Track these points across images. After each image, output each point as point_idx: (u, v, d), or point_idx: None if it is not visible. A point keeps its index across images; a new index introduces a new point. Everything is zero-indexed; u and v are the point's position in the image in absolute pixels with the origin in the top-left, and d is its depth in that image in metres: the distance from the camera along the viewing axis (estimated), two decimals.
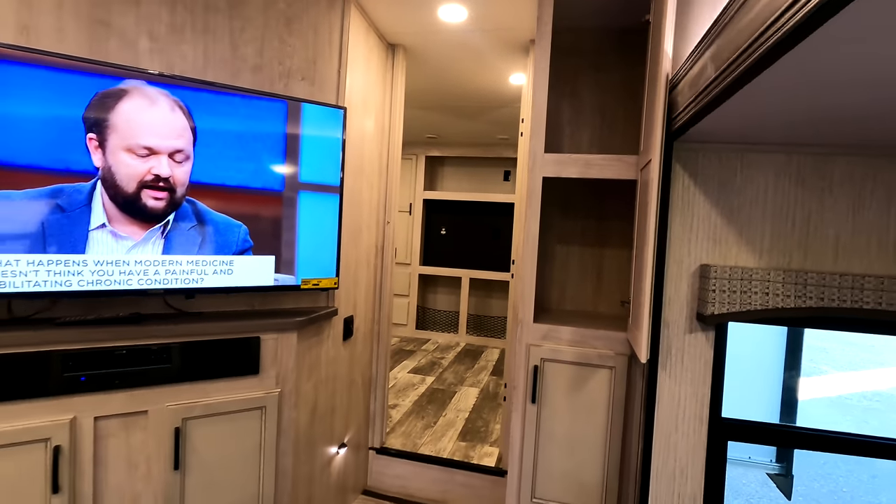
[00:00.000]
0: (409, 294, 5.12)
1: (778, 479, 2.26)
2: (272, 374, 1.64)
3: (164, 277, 1.49)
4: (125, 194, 1.39)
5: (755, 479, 2.49)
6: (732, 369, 1.41)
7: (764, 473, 2.36)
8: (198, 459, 1.51)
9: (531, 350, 1.67)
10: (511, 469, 1.71)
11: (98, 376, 1.37)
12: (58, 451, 1.32)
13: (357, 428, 2.33)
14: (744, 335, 2.20)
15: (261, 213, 1.62)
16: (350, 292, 2.12)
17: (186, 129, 1.46)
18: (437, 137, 4.71)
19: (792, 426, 1.39)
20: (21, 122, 1.27)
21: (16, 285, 1.30)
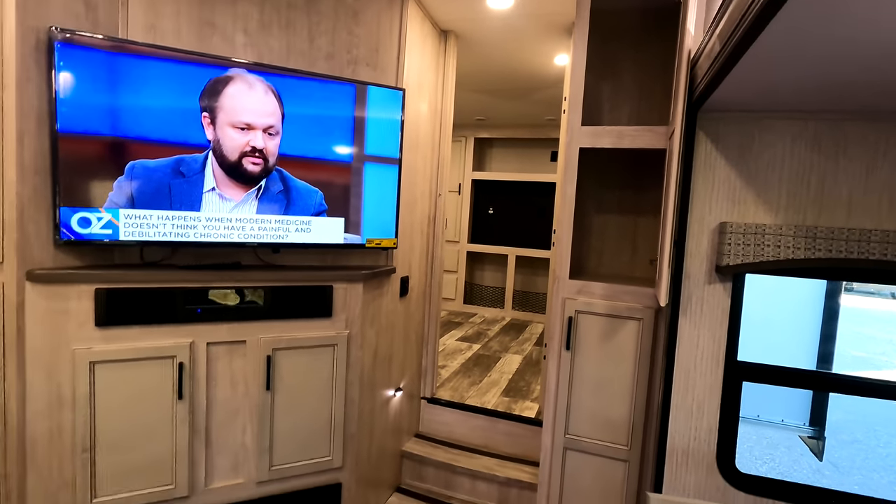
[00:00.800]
0: (457, 270, 5.38)
1: (810, 441, 2.34)
2: (342, 317, 1.93)
3: (256, 233, 1.81)
4: (230, 162, 1.71)
5: (786, 439, 2.56)
6: (765, 328, 1.55)
7: (797, 436, 2.44)
8: (284, 383, 1.84)
9: (566, 303, 1.87)
10: (547, 409, 1.94)
11: (209, 310, 1.71)
12: (181, 367, 1.67)
13: (411, 378, 2.62)
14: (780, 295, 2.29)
15: (333, 181, 1.91)
16: (406, 255, 2.39)
17: (276, 109, 1.76)
18: (486, 119, 4.90)
19: (799, 368, 1.52)
20: (153, 104, 1.60)
21: (150, 235, 1.65)
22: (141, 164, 1.61)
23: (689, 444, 1.56)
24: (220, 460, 1.78)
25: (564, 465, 1.91)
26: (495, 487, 2.41)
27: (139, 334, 1.61)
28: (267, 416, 1.82)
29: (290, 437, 1.86)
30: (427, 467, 2.53)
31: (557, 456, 1.92)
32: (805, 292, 2.28)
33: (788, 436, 2.54)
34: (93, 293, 1.55)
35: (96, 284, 1.55)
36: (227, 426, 1.78)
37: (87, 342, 1.55)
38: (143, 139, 1.60)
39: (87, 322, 1.55)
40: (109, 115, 1.56)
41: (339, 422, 1.95)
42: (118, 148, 1.58)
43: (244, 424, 1.80)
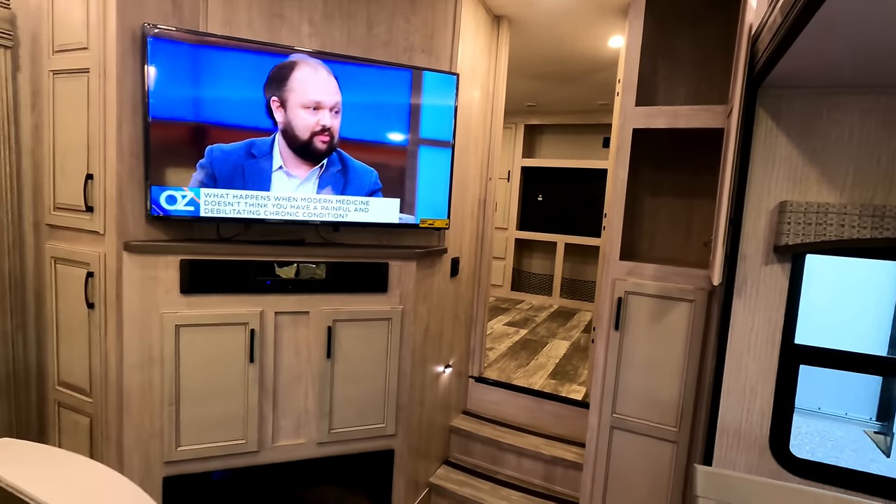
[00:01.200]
0: (505, 257, 5.41)
1: (878, 437, 2.22)
2: (397, 293, 2.04)
3: (319, 212, 1.93)
4: (301, 141, 1.85)
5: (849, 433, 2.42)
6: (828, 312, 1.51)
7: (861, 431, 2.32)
8: (343, 353, 1.97)
9: (616, 284, 1.88)
10: (594, 388, 1.96)
11: (277, 282, 1.85)
12: (252, 333, 1.83)
13: (459, 357, 2.70)
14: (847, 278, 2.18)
15: (389, 163, 2.00)
16: (457, 237, 2.47)
17: (336, 90, 1.87)
18: (537, 106, 4.87)
19: (863, 353, 1.47)
20: (228, 91, 1.75)
21: (226, 212, 1.81)
22: (218, 147, 1.77)
23: (741, 425, 1.55)
24: (284, 421, 1.94)
25: (611, 444, 1.94)
26: (541, 465, 2.46)
27: (217, 302, 1.78)
28: (327, 382, 1.95)
29: (348, 403, 2.00)
30: (474, 443, 2.62)
31: (604, 435, 1.94)
32: (875, 275, 2.16)
33: (851, 430, 2.41)
34: (178, 263, 1.72)
35: (181, 256, 1.72)
36: (292, 390, 1.93)
37: (174, 307, 1.73)
38: (220, 124, 1.76)
39: (174, 289, 1.73)
40: (192, 103, 1.72)
41: (393, 392, 2.06)
42: (199, 132, 1.74)
43: (306, 389, 1.95)
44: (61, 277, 1.78)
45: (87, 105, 1.65)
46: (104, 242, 1.67)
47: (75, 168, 1.70)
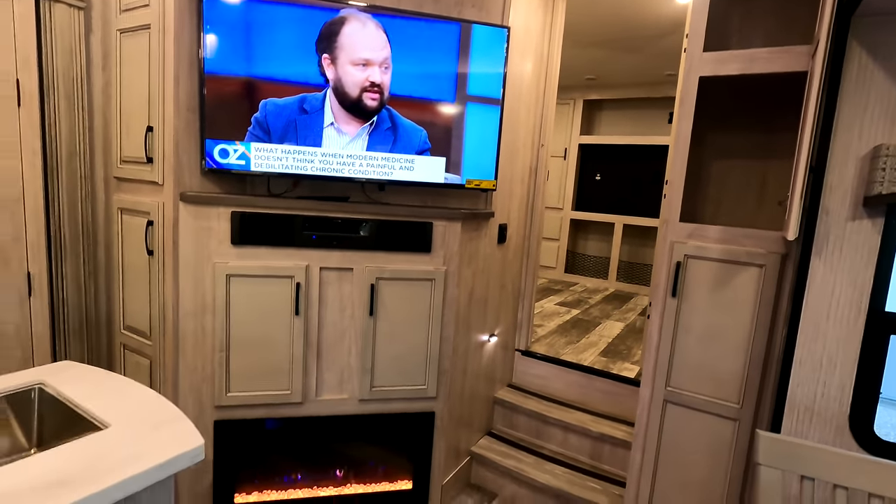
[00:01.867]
0: (559, 238, 5.25)
1: None
2: (440, 254, 2.00)
3: (365, 169, 1.93)
4: (351, 99, 1.84)
5: None
6: None
7: None
8: (385, 311, 1.97)
9: (675, 247, 1.74)
10: (647, 359, 1.84)
11: (323, 237, 1.87)
12: (298, 287, 1.86)
13: (505, 328, 2.64)
14: None
15: (436, 120, 1.96)
16: (505, 203, 2.39)
17: (386, 44, 1.85)
18: (597, 79, 4.64)
19: None
20: (280, 47, 1.77)
21: (275, 167, 1.85)
22: (272, 101, 1.80)
23: (815, 400, 1.39)
24: (328, 376, 1.97)
25: (663, 419, 1.81)
26: (588, 442, 2.36)
27: (265, 254, 1.82)
28: (370, 340, 1.96)
29: (390, 362, 2.00)
30: (519, 416, 2.56)
31: (656, 409, 1.82)
32: None
33: None
34: (229, 215, 1.78)
35: (232, 208, 1.77)
36: (335, 346, 1.95)
37: (225, 257, 1.79)
38: (273, 79, 1.79)
39: (225, 240, 1.79)
40: (245, 58, 1.76)
41: (435, 354, 2.04)
42: (252, 87, 1.78)
43: (349, 346, 1.96)
44: (126, 227, 1.89)
45: (148, 60, 1.72)
46: (162, 192, 1.75)
47: (139, 122, 1.79)
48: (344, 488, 2.07)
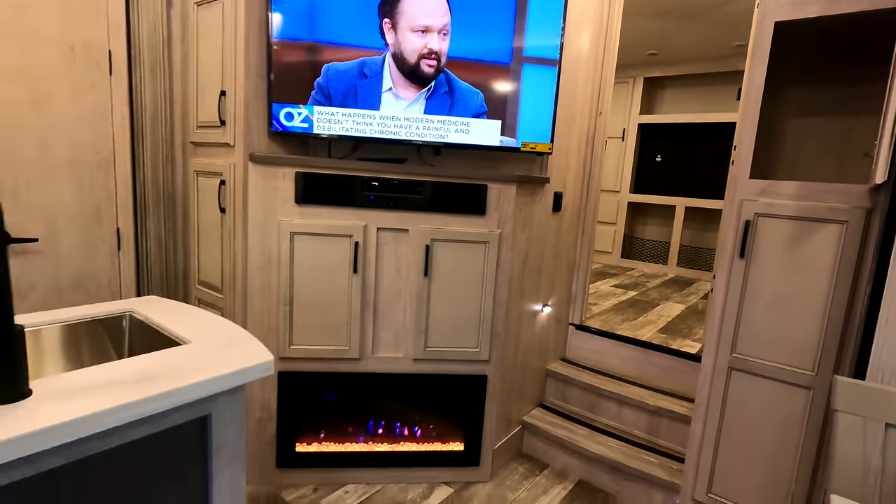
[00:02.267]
0: (615, 222, 5.09)
1: None
2: (494, 217, 2.01)
3: (421, 132, 1.96)
4: (409, 65, 1.88)
5: None
6: None
7: None
8: (439, 272, 2.00)
9: (744, 205, 1.65)
10: (711, 325, 1.76)
11: (380, 198, 1.92)
12: (357, 246, 1.93)
13: (559, 301, 2.60)
14: None
15: (493, 82, 1.96)
16: (561, 171, 2.35)
17: (446, 11, 1.87)
18: (659, 54, 4.45)
19: None
20: (342, 11, 1.83)
21: (335, 130, 1.92)
22: (333, 66, 1.87)
23: None
24: (384, 334, 2.03)
25: (727, 389, 1.73)
26: (644, 416, 2.30)
27: (326, 213, 1.90)
28: (424, 300, 2.00)
29: (443, 323, 2.03)
30: (572, 388, 2.52)
31: (720, 377, 1.74)
32: None
33: None
34: (294, 175, 1.86)
35: (296, 168, 1.86)
36: (391, 305, 2.01)
37: (289, 216, 1.88)
38: (335, 44, 1.85)
39: (289, 199, 1.88)
40: (308, 23, 1.83)
41: (488, 318, 2.05)
42: (315, 52, 1.86)
43: (404, 306, 2.01)
44: (201, 188, 2.03)
45: (221, 29, 1.84)
46: (234, 153, 1.86)
47: (213, 88, 1.91)
48: (398, 445, 2.13)
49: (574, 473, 2.27)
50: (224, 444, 1.00)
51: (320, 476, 2.07)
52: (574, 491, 2.16)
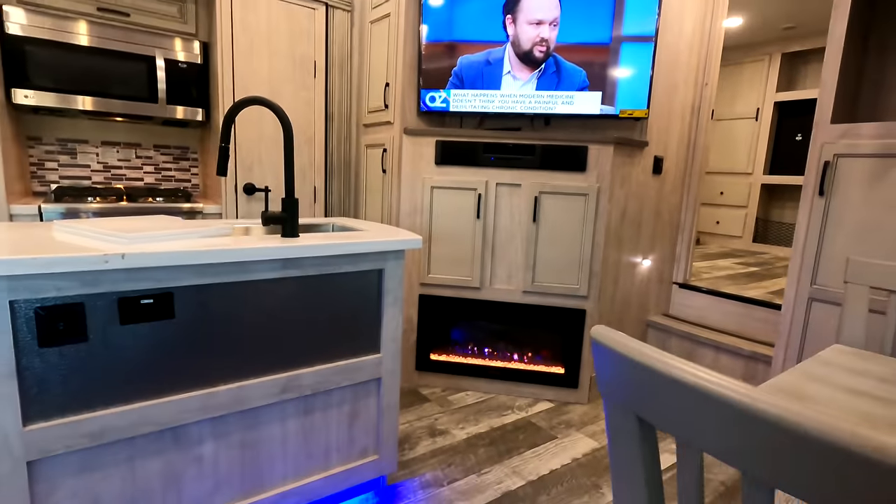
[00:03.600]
0: (746, 205, 4.92)
1: None
2: (594, 173, 2.39)
3: (532, 105, 2.43)
4: (524, 50, 2.39)
5: None
6: None
7: None
8: (545, 219, 2.44)
9: (824, 148, 1.82)
10: (793, 259, 1.93)
11: (499, 159, 2.44)
12: (479, 197, 2.47)
13: (661, 258, 2.84)
14: None
15: (594, 61, 2.35)
16: (661, 136, 2.63)
17: (557, 6, 2.33)
18: (797, 27, 4.26)
19: None
20: (473, 15, 2.40)
21: (465, 108, 2.49)
22: (466, 58, 2.45)
23: None
24: (499, 269, 2.53)
25: (808, 317, 1.89)
26: (740, 362, 2.45)
27: (457, 172, 2.48)
28: (532, 242, 2.46)
29: (548, 262, 2.46)
30: (670, 338, 2.75)
31: (801, 306, 1.91)
32: None
33: None
34: (434, 143, 2.48)
35: (436, 137, 2.47)
36: (505, 245, 2.51)
37: (430, 174, 2.50)
38: (466, 41, 2.43)
39: (431, 161, 2.49)
40: (448, 26, 2.43)
41: (587, 259, 2.43)
42: (452, 48, 2.45)
43: (516, 246, 2.49)
44: (369, 156, 2.76)
45: (387, 39, 2.53)
46: (393, 129, 2.54)
47: (380, 82, 2.62)
48: (508, 363, 2.62)
49: None
50: (390, 290, 1.60)
51: (447, 381, 2.65)
52: None
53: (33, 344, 1.06)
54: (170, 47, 2.47)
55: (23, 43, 2.16)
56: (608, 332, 0.50)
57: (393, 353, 1.64)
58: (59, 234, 1.28)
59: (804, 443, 0.35)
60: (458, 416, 2.34)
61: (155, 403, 1.22)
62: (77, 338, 1.11)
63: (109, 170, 2.66)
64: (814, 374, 0.99)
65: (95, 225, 1.30)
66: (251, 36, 2.49)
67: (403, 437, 2.12)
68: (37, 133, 2.47)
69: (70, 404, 1.13)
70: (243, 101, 1.38)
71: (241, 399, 1.36)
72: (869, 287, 1.21)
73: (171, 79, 2.48)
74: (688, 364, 0.44)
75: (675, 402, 0.43)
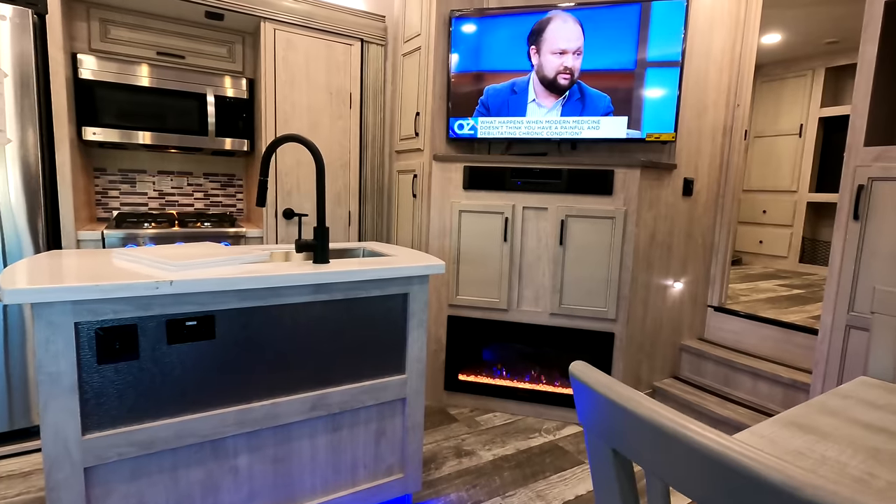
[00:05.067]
0: (792, 224, 4.73)
1: None
2: (621, 197, 2.40)
3: (559, 131, 2.48)
4: (549, 79, 2.45)
5: None
6: None
7: None
8: (573, 242, 2.46)
9: (857, 171, 1.77)
10: (829, 285, 1.88)
11: (526, 183, 2.49)
12: (506, 220, 2.52)
13: (695, 279, 2.79)
14: None
15: (619, 86, 2.38)
16: (691, 158, 2.61)
17: (580, 36, 2.39)
18: (841, 41, 4.13)
19: None
20: (499, 46, 2.49)
21: (493, 134, 2.57)
22: (492, 87, 2.54)
23: None
24: (526, 291, 2.57)
25: (846, 345, 1.82)
26: (779, 390, 2.36)
27: (484, 196, 2.55)
28: (559, 265, 2.48)
29: (576, 285, 2.48)
30: (706, 363, 2.68)
31: (838, 335, 1.84)
32: None
33: None
34: (462, 168, 2.56)
35: (464, 163, 2.55)
36: (532, 267, 2.54)
37: (459, 198, 2.58)
38: (493, 70, 2.52)
39: (459, 186, 2.58)
40: (475, 57, 2.53)
41: (615, 282, 2.43)
42: (479, 78, 2.54)
43: (543, 269, 2.52)
44: (401, 182, 2.87)
45: (417, 70, 2.65)
46: (423, 155, 2.64)
47: (411, 111, 2.74)
48: (537, 385, 2.62)
49: None
50: (415, 314, 1.67)
51: (475, 401, 2.68)
52: None
53: (93, 361, 1.20)
54: (220, 84, 2.69)
55: (93, 86, 2.41)
56: (586, 368, 0.55)
57: (418, 373, 1.70)
58: (118, 260, 1.43)
59: (770, 494, 0.36)
60: (486, 438, 2.36)
61: (197, 417, 1.33)
62: (130, 356, 1.24)
63: (164, 196, 2.88)
64: (830, 407, 0.98)
65: (149, 253, 1.44)
66: (292, 71, 2.67)
67: (430, 456, 2.17)
68: (102, 164, 2.73)
69: (123, 416, 1.25)
70: (280, 139, 1.51)
71: (274, 415, 1.45)
72: None
73: (220, 113, 2.69)
74: (657, 405, 0.48)
75: (644, 441, 0.47)
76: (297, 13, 2.63)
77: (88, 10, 2.46)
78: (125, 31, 2.56)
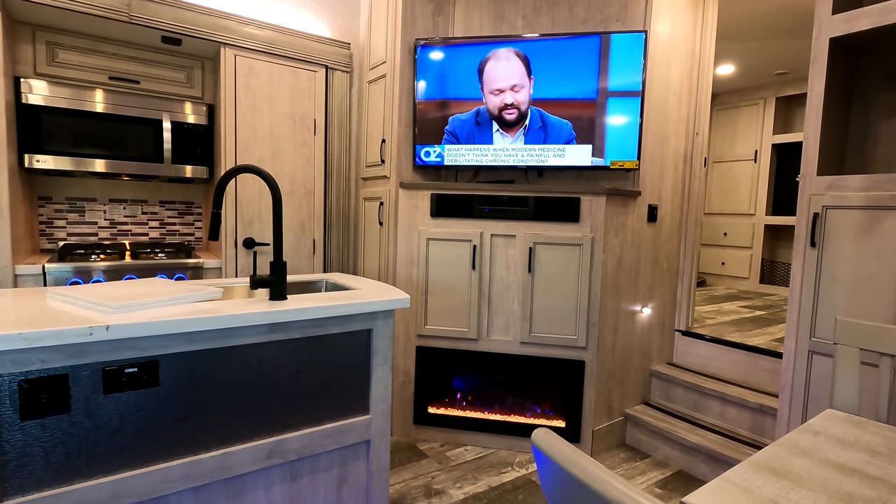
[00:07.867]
0: (751, 246, 4.88)
1: None
2: (588, 223, 2.40)
3: (525, 158, 2.49)
4: (495, 115, 2.46)
5: None
6: None
7: None
8: (541, 270, 2.44)
9: (812, 200, 1.82)
10: (790, 310, 1.90)
11: (494, 211, 2.47)
12: (474, 248, 2.49)
13: (662, 304, 2.81)
14: None
15: (581, 115, 2.42)
16: (655, 185, 2.65)
17: (521, 70, 2.41)
18: (790, 72, 4.36)
19: None
20: (461, 75, 2.49)
21: (460, 161, 2.55)
22: (457, 117, 2.53)
23: None
24: (496, 320, 2.52)
25: (810, 370, 1.84)
26: (748, 415, 2.37)
27: (452, 224, 2.51)
28: (528, 292, 2.45)
29: (545, 312, 2.45)
30: (675, 388, 2.68)
31: (801, 361, 1.86)
32: None
33: None
34: (429, 196, 2.52)
35: (432, 191, 2.52)
36: (502, 295, 2.50)
37: (426, 226, 2.54)
38: (458, 98, 2.52)
39: (426, 214, 2.54)
40: (440, 86, 2.53)
41: (584, 309, 2.41)
42: (445, 106, 2.54)
43: (513, 296, 2.49)
44: (367, 209, 2.81)
45: (383, 97, 2.63)
46: (389, 183, 2.60)
47: (377, 138, 2.70)
48: (508, 416, 2.56)
49: (674, 464, 2.43)
50: (379, 350, 1.60)
51: (446, 435, 2.59)
52: (672, 478, 2.33)
53: (15, 417, 1.07)
54: (178, 110, 2.59)
55: (38, 111, 2.28)
56: (549, 437, 0.50)
57: (383, 413, 1.62)
58: (52, 301, 1.31)
59: None
60: (456, 474, 2.27)
61: (136, 474, 1.21)
62: (60, 409, 1.12)
63: (116, 226, 2.73)
64: (801, 447, 0.96)
65: (87, 292, 1.33)
66: (254, 98, 2.61)
67: (398, 497, 2.06)
68: (47, 193, 2.57)
69: (50, 477, 1.12)
70: (233, 171, 1.44)
71: (226, 466, 1.34)
72: (859, 349, 1.18)
73: (177, 139, 2.59)
74: (627, 486, 0.43)
75: None
76: (260, 39, 2.58)
77: (34, 32, 2.35)
78: (75, 55, 2.45)
